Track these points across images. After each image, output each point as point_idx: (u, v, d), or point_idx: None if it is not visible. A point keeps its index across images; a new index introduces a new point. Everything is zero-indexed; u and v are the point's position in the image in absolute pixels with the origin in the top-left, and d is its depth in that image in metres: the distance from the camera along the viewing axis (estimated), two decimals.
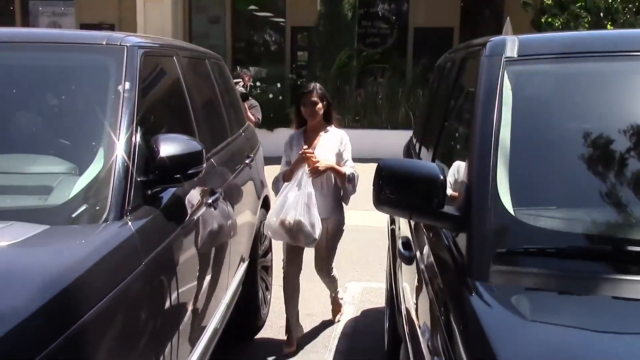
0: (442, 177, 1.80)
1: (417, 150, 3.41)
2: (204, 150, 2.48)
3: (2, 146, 2.39)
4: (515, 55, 2.05)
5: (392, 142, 10.86)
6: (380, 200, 1.92)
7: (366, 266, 5.78)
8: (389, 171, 1.89)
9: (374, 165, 2.03)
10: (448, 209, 1.82)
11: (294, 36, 15.28)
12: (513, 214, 1.69)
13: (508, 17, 9.27)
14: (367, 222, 7.10)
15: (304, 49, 15.27)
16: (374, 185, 1.93)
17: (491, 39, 2.24)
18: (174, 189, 2.52)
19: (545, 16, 10.95)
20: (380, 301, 4.71)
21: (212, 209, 2.99)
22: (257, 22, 16.30)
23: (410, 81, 13.09)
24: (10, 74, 2.58)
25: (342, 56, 12.24)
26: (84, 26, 14.36)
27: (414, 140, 3.85)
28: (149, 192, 2.31)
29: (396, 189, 1.87)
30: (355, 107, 12.78)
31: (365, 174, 3.53)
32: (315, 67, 12.82)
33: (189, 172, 2.37)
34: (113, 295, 1.81)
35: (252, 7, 16.02)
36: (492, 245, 1.63)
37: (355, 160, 4.00)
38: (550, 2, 10.61)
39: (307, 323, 4.39)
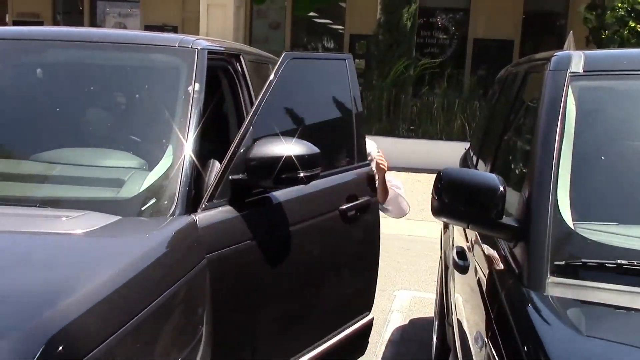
0: (502, 188, 1.83)
1: (474, 163, 3.42)
2: (314, 155, 2.42)
3: (79, 140, 2.52)
4: (581, 71, 2.06)
5: (447, 153, 10.82)
6: (439, 208, 1.95)
7: (416, 275, 5.79)
8: (449, 180, 1.93)
9: (426, 176, 2.07)
10: (507, 219, 1.84)
11: (352, 44, 15.37)
12: (572, 228, 1.71)
13: (571, 32, 9.14)
14: (418, 232, 7.11)
15: (362, 56, 15.34)
16: (433, 193, 1.96)
17: (556, 53, 2.25)
18: (277, 199, 2.53)
19: (607, 32, 10.76)
20: (428, 311, 4.72)
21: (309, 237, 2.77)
22: (316, 29, 16.48)
23: (467, 92, 13.00)
24: (89, 72, 2.71)
25: (400, 66, 12.25)
26: (148, 27, 14.79)
27: (471, 153, 3.86)
28: (243, 192, 2.38)
29: (455, 198, 1.90)
30: (410, 117, 12.76)
31: (418, 184, 3.53)
32: (372, 75, 12.85)
33: (283, 176, 2.34)
34: (174, 287, 1.90)
35: (311, 13, 16.20)
36: (550, 257, 1.65)
37: (408, 170, 4.02)
38: (611, 19, 10.43)
39: None
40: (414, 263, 6.14)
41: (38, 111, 2.60)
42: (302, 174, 2.37)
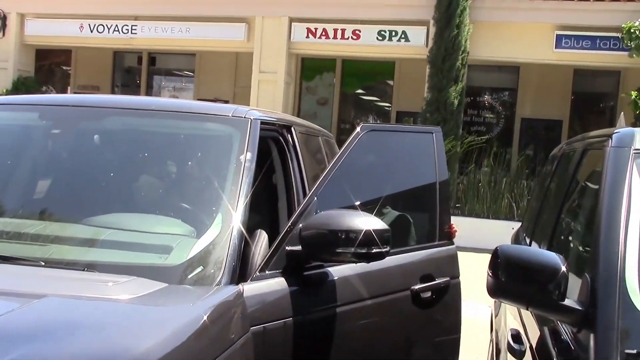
0: (564, 268, 1.73)
1: (528, 243, 3.31)
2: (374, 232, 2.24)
3: (130, 205, 2.54)
4: None
5: (493, 231, 10.63)
6: (496, 287, 1.86)
7: (476, 357, 5.54)
8: (506, 257, 1.84)
9: (473, 255, 1.98)
10: (570, 302, 1.73)
11: (399, 120, 15.50)
12: None
13: (622, 112, 9.03)
14: (463, 314, 6.86)
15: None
16: (488, 271, 1.88)
17: (617, 130, 2.18)
18: (336, 274, 2.42)
19: None
20: None
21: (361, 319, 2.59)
22: (363, 105, 16.71)
23: (515, 171, 12.86)
24: (144, 140, 2.76)
25: (447, 144, 12.26)
26: (200, 100, 15.26)
27: (523, 233, 3.74)
28: (300, 265, 2.30)
29: (514, 278, 1.81)
30: (457, 194, 12.64)
31: (463, 262, 3.37)
32: None
33: (340, 250, 2.23)
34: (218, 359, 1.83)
35: (359, 90, 16.49)
36: (620, 345, 1.54)
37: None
38: None
39: None
40: (472, 349, 5.89)
41: (93, 176, 2.63)
42: (364, 251, 2.23)
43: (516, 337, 2.39)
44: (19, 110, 2.92)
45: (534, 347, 2.11)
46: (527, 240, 3.37)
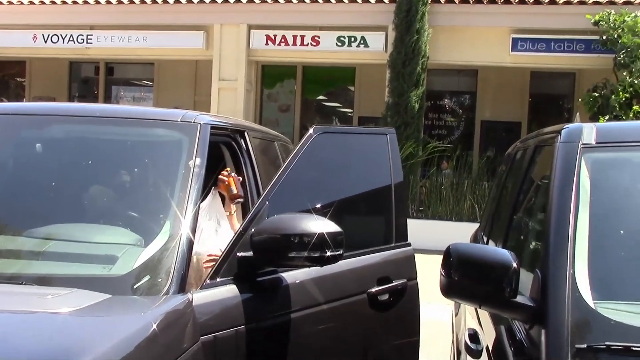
0: (515, 264, 1.71)
1: (485, 242, 3.30)
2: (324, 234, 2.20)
3: (76, 215, 2.45)
4: (593, 142, 1.98)
5: (457, 233, 10.62)
6: (448, 287, 1.83)
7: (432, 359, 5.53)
8: (458, 256, 1.81)
9: (436, 257, 1.94)
10: (522, 298, 1.71)
11: (360, 125, 15.53)
12: (593, 307, 1.58)
13: (578, 113, 9.18)
14: (427, 315, 6.85)
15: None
16: (441, 270, 1.84)
17: (566, 125, 2.18)
18: (290, 279, 2.37)
19: (611, 115, 10.85)
20: None
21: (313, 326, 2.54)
22: (325, 111, 16.71)
23: (476, 173, 12.99)
24: (89, 147, 2.68)
25: (408, 147, 12.31)
26: None
27: (481, 232, 3.74)
28: (252, 271, 2.25)
29: (465, 276, 1.79)
30: (419, 198, 12.70)
31: (427, 265, 3.32)
32: None
33: (293, 255, 2.18)
34: None
35: (321, 97, 16.48)
36: (571, 340, 1.51)
37: (417, 251, 3.59)
38: (614, 102, 10.56)
39: None
40: (423, 349, 5.88)
41: (36, 186, 2.54)
42: (317, 255, 2.18)
43: (473, 336, 2.37)
44: None
45: (489, 346, 2.09)
46: (485, 240, 3.37)
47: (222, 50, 13.81)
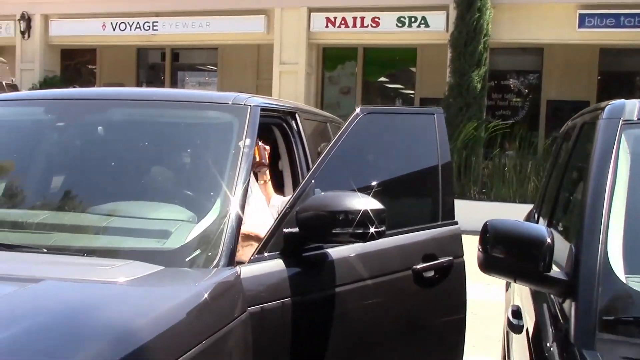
0: (549, 240, 1.74)
1: (536, 219, 3.29)
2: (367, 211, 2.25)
3: (133, 194, 2.60)
4: (635, 118, 1.96)
5: (520, 215, 10.51)
6: (485, 262, 1.87)
7: (484, 341, 5.54)
8: (494, 232, 1.85)
9: None
10: (555, 273, 1.74)
11: (422, 107, 15.41)
12: (624, 281, 1.59)
13: None
14: (486, 297, 6.84)
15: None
16: (479, 246, 1.89)
17: (611, 102, 2.16)
18: (335, 255, 2.45)
19: None
20: None
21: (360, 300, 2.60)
22: (387, 93, 16.65)
23: (541, 154, 12.69)
24: (147, 130, 2.82)
25: (470, 128, 12.15)
26: None
27: (534, 211, 3.72)
28: (299, 247, 2.34)
29: (502, 251, 1.82)
30: (482, 179, 12.54)
31: None
32: None
33: (337, 231, 2.25)
34: (211, 338, 1.88)
35: (382, 78, 16.43)
36: (599, 312, 1.54)
37: (479, 233, 3.47)
38: None
39: None
40: (482, 329, 5.88)
41: (96, 166, 2.70)
42: (360, 231, 2.25)
43: (516, 312, 2.40)
44: (25, 106, 3.01)
45: (528, 321, 2.12)
46: (536, 217, 3.36)
47: (283, 33, 13.93)
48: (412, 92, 15.91)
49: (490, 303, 6.66)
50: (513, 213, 11.52)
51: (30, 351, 1.53)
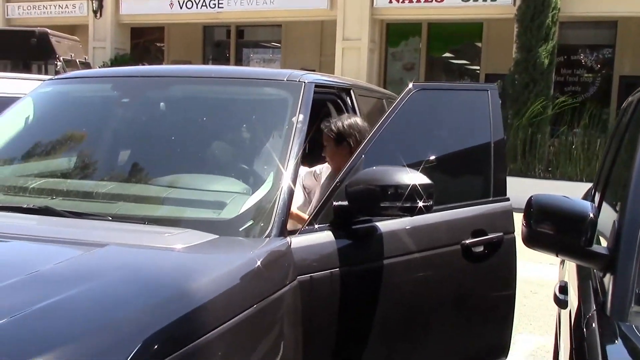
0: (592, 215, 1.75)
1: (592, 195, 3.26)
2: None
3: (192, 167, 2.73)
4: None
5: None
6: (529, 236, 1.90)
7: (541, 320, 5.51)
8: (538, 206, 1.87)
9: None
10: (597, 247, 1.75)
11: (488, 83, 15.12)
12: None
13: None
14: (549, 276, 6.77)
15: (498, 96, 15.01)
16: (523, 220, 1.91)
17: None
18: (384, 228, 2.52)
19: None
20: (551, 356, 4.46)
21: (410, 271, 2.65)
22: (451, 69, 16.42)
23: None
24: (204, 105, 2.94)
25: (536, 105, 11.87)
26: None
27: (593, 188, 3.67)
28: (348, 219, 2.42)
29: (544, 225, 1.85)
30: (547, 157, 12.26)
31: None
32: (506, 114, 12.54)
33: (386, 205, 2.31)
34: (263, 302, 1.99)
35: (446, 54, 16.19)
36: (635, 285, 1.55)
37: None
38: None
39: None
40: (540, 307, 5.85)
41: (158, 141, 2.84)
42: (408, 205, 2.31)
43: (563, 288, 2.41)
44: (95, 83, 3.19)
45: (572, 295, 2.13)
46: (593, 193, 3.32)
47: (346, 9, 13.91)
48: (477, 68, 15.63)
49: (550, 283, 6.58)
50: (578, 192, 11.28)
51: (99, 303, 1.67)
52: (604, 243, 1.97)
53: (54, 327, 1.57)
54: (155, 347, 1.58)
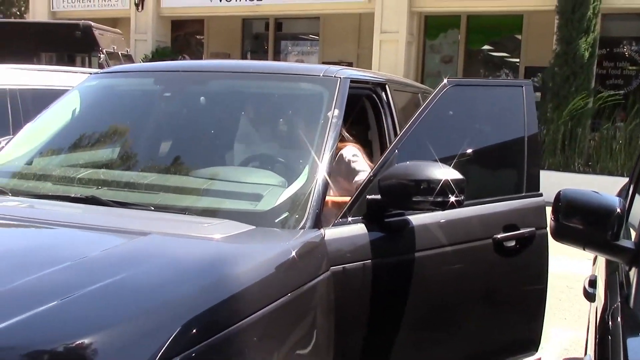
0: (619, 209, 1.78)
1: (627, 189, 3.25)
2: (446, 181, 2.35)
3: (230, 159, 2.83)
4: None
5: None
6: (557, 230, 1.94)
7: (576, 315, 5.48)
8: (566, 201, 1.91)
9: None
10: (624, 242, 1.79)
11: (527, 76, 14.91)
12: None
13: None
14: (586, 272, 6.71)
15: (538, 89, 14.81)
16: (551, 214, 1.95)
17: None
18: (416, 221, 2.57)
19: None
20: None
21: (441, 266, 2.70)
22: (490, 62, 16.23)
23: None
24: (243, 100, 3.03)
25: (577, 100, 11.68)
26: (325, 63, 15.56)
27: (629, 182, 3.65)
28: (381, 212, 2.48)
29: (573, 219, 1.89)
30: (588, 152, 12.06)
31: None
32: (546, 107, 12.38)
33: (418, 199, 2.37)
34: (297, 291, 2.07)
35: (486, 46, 16.02)
36: None
37: None
38: None
39: None
40: (576, 302, 5.81)
41: (198, 134, 2.95)
42: (440, 199, 2.36)
43: (592, 282, 2.44)
44: (138, 77, 3.31)
45: (600, 289, 2.16)
46: (628, 188, 3.31)
47: (384, 2, 13.87)
48: (517, 60, 15.42)
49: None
50: (617, 187, 11.09)
51: (141, 288, 1.78)
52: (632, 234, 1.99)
53: (101, 309, 1.68)
54: (194, 330, 1.67)
